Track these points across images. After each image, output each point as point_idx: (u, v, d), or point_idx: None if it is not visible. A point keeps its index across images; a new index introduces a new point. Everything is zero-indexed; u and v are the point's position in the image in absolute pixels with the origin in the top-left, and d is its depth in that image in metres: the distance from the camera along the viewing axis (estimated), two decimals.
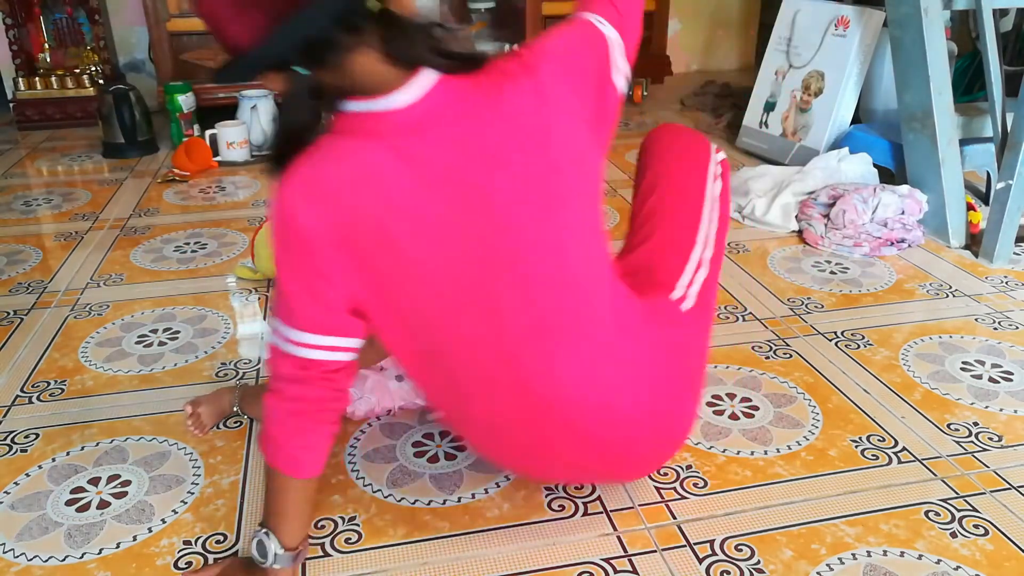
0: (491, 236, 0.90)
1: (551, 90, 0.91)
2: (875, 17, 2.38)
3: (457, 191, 0.88)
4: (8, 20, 3.04)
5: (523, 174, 0.90)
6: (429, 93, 0.87)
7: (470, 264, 0.90)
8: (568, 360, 0.95)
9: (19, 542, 1.12)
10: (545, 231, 0.91)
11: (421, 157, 0.87)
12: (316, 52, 0.83)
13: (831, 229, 2.01)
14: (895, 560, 1.07)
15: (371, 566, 1.07)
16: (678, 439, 1.12)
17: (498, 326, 0.92)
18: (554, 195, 0.91)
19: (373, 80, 0.86)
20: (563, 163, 0.92)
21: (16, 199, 2.44)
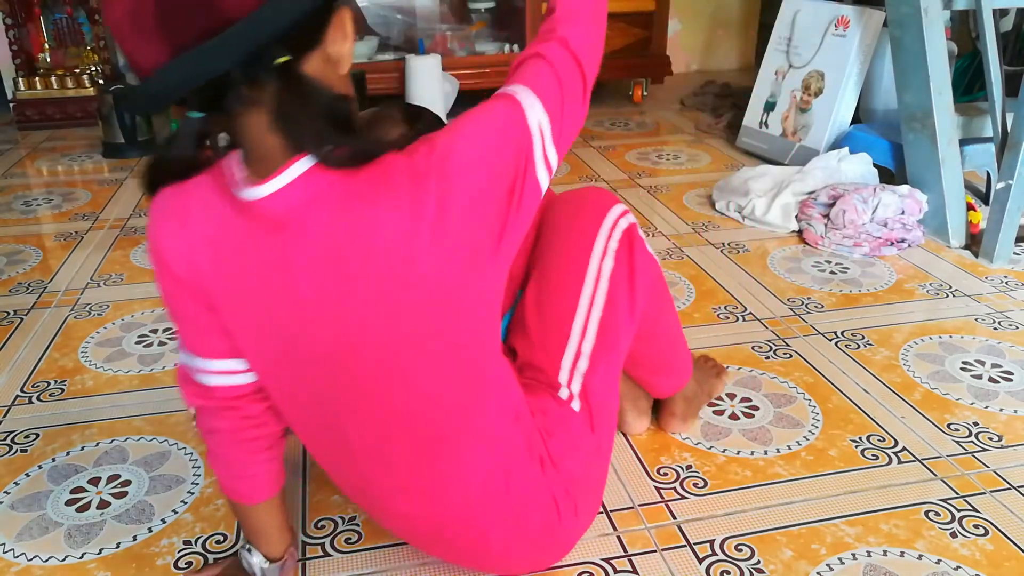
0: (324, 361, 0.83)
1: (440, 211, 0.76)
2: (875, 17, 2.38)
3: (298, 306, 0.80)
4: (8, 20, 3.04)
5: (370, 303, 0.79)
6: (294, 185, 0.75)
7: (302, 380, 0.85)
8: (410, 479, 0.89)
9: (19, 542, 1.12)
10: (387, 366, 0.82)
11: (270, 255, 0.79)
12: (211, 96, 0.72)
13: (831, 229, 2.01)
14: (895, 560, 1.07)
15: (371, 566, 1.07)
16: (553, 552, 1.03)
17: (336, 435, 0.88)
18: (403, 329, 0.80)
19: (256, 152, 0.76)
20: (422, 297, 0.79)
21: (16, 199, 2.44)
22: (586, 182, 2.53)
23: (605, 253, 1.03)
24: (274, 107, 0.73)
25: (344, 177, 0.76)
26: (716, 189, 2.34)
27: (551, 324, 1.01)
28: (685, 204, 2.34)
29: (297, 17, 0.70)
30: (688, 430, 1.34)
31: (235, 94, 0.72)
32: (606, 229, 1.04)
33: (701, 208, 2.30)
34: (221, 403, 0.91)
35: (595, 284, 1.02)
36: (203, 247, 0.81)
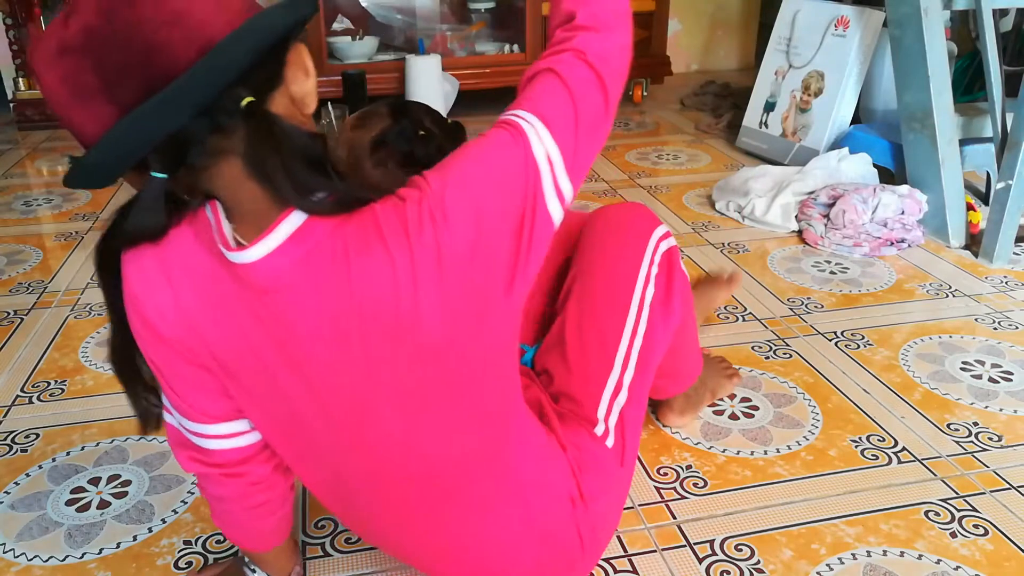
0: (334, 422, 0.78)
1: (439, 261, 0.70)
2: (875, 17, 2.38)
3: (300, 368, 0.75)
4: (8, 20, 3.04)
5: (377, 362, 0.74)
6: (286, 246, 0.69)
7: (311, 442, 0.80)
8: (428, 533, 0.86)
9: (19, 542, 1.12)
10: (401, 426, 0.78)
11: (266, 315, 0.73)
12: (173, 153, 0.65)
13: (831, 229, 2.01)
14: (895, 560, 1.07)
15: (371, 566, 1.07)
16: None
17: (348, 492, 0.85)
18: (414, 385, 0.76)
19: (238, 207, 0.70)
20: (432, 354, 0.74)
21: (16, 199, 2.44)
22: (586, 182, 2.53)
23: (648, 280, 1.01)
24: (247, 153, 0.66)
25: (336, 229, 0.69)
26: (716, 189, 2.34)
27: (593, 354, 0.98)
28: (685, 204, 2.34)
29: (251, 59, 0.64)
30: (684, 425, 1.34)
31: (199, 147, 0.66)
32: (648, 254, 1.02)
33: (701, 208, 2.30)
34: (225, 469, 0.85)
35: (638, 313, 1.00)
36: (193, 305, 0.74)
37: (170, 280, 0.74)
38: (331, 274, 0.70)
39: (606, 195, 2.41)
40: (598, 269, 1.02)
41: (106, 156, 0.65)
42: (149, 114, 0.62)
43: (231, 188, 0.69)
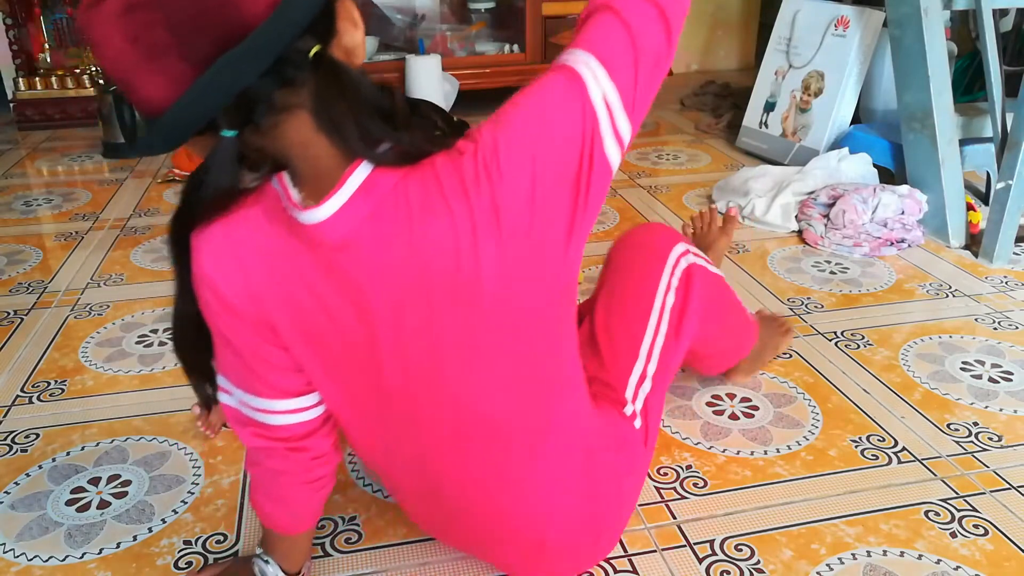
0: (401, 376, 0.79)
1: (496, 215, 0.71)
2: (875, 17, 2.38)
3: (370, 326, 0.77)
4: (8, 20, 3.04)
5: (441, 316, 0.75)
6: (354, 201, 0.71)
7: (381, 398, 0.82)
8: (485, 472, 0.87)
9: (19, 542, 1.12)
10: (464, 374, 0.79)
11: (336, 277, 0.75)
12: (241, 110, 0.66)
13: (831, 229, 2.01)
14: (895, 560, 1.07)
15: (371, 566, 1.07)
16: (582, 566, 1.04)
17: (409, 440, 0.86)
18: (478, 336, 0.77)
19: (305, 163, 0.71)
20: (487, 307, 0.75)
21: (16, 199, 2.44)
22: None
23: (668, 289, 1.07)
24: (315, 105, 0.67)
25: (399, 183, 0.71)
26: (716, 189, 2.34)
27: (621, 348, 1.04)
28: (685, 204, 2.34)
29: (315, 9, 0.64)
30: (750, 381, 1.47)
31: (270, 102, 0.66)
32: (669, 268, 1.08)
33: (701, 208, 2.30)
34: (290, 443, 0.86)
35: (659, 316, 1.06)
36: (264, 279, 0.76)
37: (240, 257, 0.76)
38: (396, 230, 0.72)
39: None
40: (624, 279, 1.09)
41: (183, 115, 0.64)
42: (226, 69, 0.62)
43: (299, 145, 0.70)
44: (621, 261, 1.12)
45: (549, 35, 3.18)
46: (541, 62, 3.21)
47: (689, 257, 1.12)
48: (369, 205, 0.71)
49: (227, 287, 0.76)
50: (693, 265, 1.11)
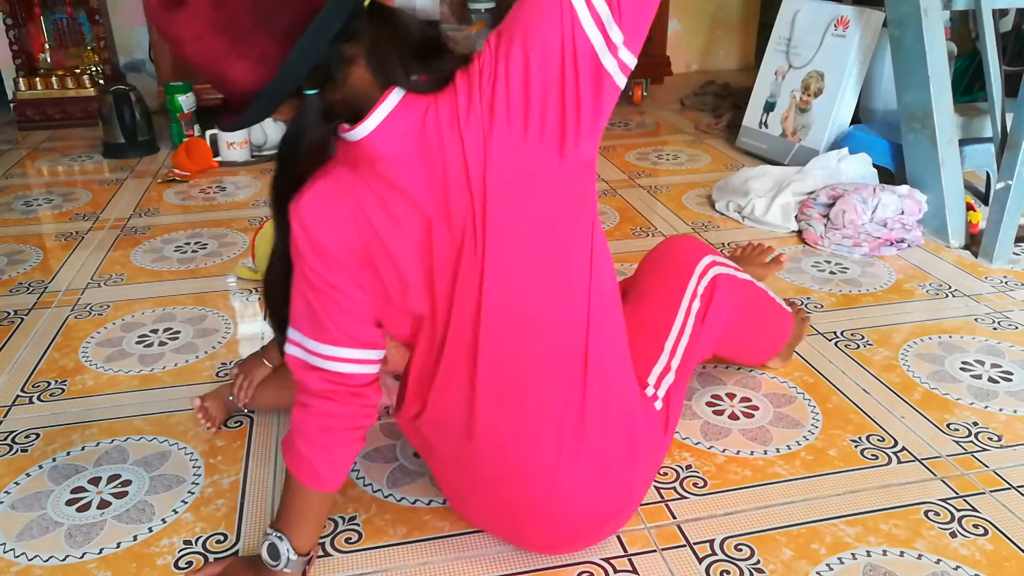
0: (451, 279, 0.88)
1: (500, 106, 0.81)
2: (875, 17, 2.38)
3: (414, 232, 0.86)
4: (8, 20, 3.04)
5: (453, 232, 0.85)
6: (388, 120, 0.82)
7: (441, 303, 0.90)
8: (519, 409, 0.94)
9: (19, 542, 1.12)
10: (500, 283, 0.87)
11: (393, 187, 0.85)
12: (324, 69, 0.77)
13: (831, 229, 2.01)
14: (895, 560, 1.07)
15: (371, 566, 1.07)
16: (594, 537, 1.07)
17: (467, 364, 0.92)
18: (493, 257, 0.85)
19: (359, 96, 0.82)
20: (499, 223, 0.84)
21: (16, 199, 2.44)
22: None
23: (694, 296, 1.15)
24: (370, 50, 0.78)
25: (431, 106, 0.81)
26: (716, 189, 2.34)
27: (647, 342, 1.11)
28: (685, 204, 2.34)
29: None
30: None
31: (342, 57, 0.77)
32: (696, 277, 1.16)
33: (701, 208, 2.30)
34: (352, 388, 0.94)
35: (684, 320, 1.14)
36: (353, 218, 0.86)
37: (334, 206, 0.85)
38: (433, 144, 0.82)
39: (606, 195, 2.41)
40: (652, 286, 1.17)
41: (280, 85, 0.75)
42: (314, 36, 0.72)
43: (358, 86, 0.80)
44: (650, 270, 1.20)
45: None
46: None
47: (716, 268, 1.19)
48: (407, 122, 0.81)
49: (327, 237, 0.86)
50: (720, 275, 1.18)
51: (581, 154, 0.85)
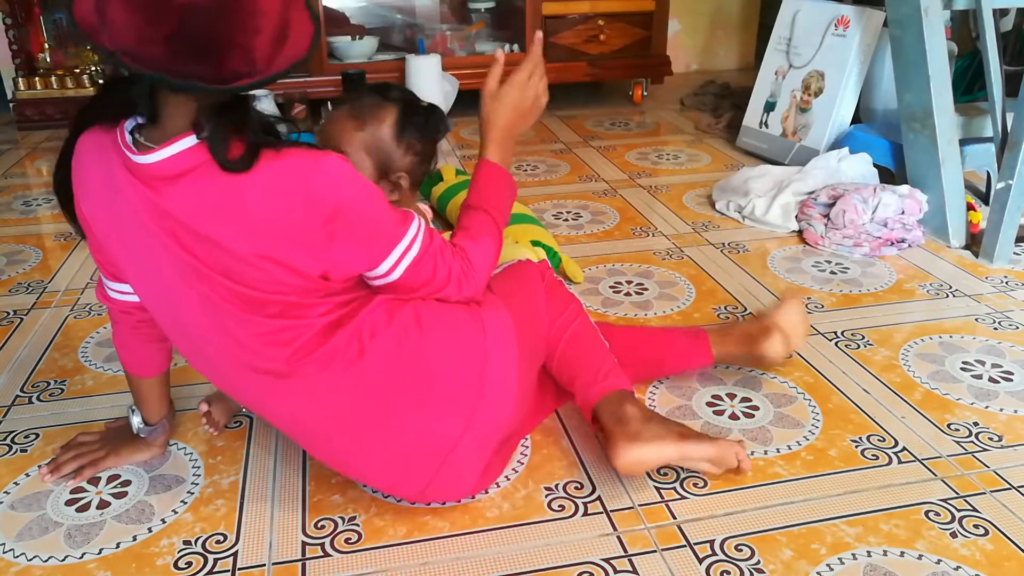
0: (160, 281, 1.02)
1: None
2: (875, 17, 2.38)
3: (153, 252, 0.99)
4: (8, 20, 3.04)
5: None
6: (179, 156, 0.92)
7: (152, 293, 1.06)
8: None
9: (19, 542, 1.12)
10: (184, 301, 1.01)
11: (145, 205, 0.96)
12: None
13: (831, 229, 2.01)
14: (895, 560, 1.07)
15: (371, 566, 1.07)
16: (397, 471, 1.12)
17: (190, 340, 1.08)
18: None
19: (161, 123, 0.94)
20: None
21: (16, 199, 2.44)
22: (586, 182, 2.54)
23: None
24: (200, 108, 0.91)
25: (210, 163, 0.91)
26: (716, 189, 2.34)
27: None
28: (685, 204, 2.34)
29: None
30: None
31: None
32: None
33: (701, 208, 2.30)
34: (120, 307, 1.15)
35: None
36: (96, 192, 1.00)
37: (87, 168, 1.00)
38: (204, 187, 0.93)
39: (606, 195, 2.41)
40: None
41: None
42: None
43: (171, 112, 0.92)
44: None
45: (549, 35, 3.18)
46: None
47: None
48: (190, 162, 0.92)
49: (81, 185, 1.02)
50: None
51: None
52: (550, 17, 3.17)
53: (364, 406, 1.05)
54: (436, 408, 1.07)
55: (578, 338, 1.27)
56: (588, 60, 3.26)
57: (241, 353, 1.02)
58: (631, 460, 1.13)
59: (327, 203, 0.93)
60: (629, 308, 1.74)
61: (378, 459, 1.09)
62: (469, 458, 1.10)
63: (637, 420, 1.16)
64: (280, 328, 1.00)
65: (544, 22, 3.17)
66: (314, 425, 1.08)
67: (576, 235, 2.11)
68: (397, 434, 1.06)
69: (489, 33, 3.39)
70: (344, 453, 1.10)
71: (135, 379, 1.23)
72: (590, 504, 1.18)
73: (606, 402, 1.20)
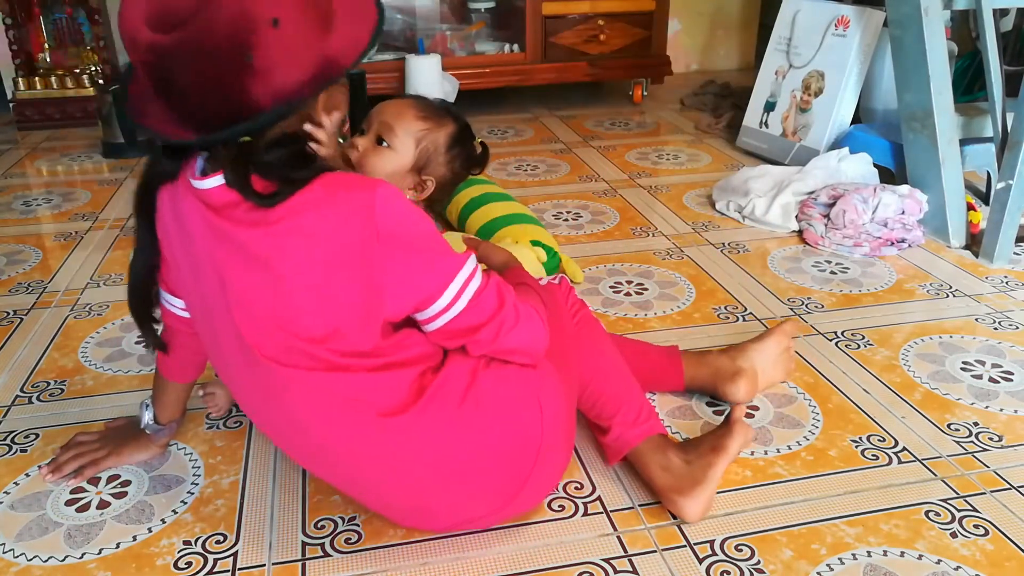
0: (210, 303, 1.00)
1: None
2: (875, 17, 2.38)
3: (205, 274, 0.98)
4: (8, 20, 3.04)
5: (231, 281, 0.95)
6: (220, 188, 0.91)
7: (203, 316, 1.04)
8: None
9: (19, 542, 1.12)
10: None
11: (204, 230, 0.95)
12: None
13: (831, 229, 2.01)
14: (895, 560, 1.07)
15: (371, 566, 1.07)
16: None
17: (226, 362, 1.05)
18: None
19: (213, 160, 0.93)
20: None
21: (16, 199, 2.44)
22: (586, 182, 2.54)
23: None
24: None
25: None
26: (716, 189, 2.34)
27: None
28: (685, 204, 2.34)
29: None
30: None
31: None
32: None
33: (701, 208, 2.30)
34: (173, 320, 1.16)
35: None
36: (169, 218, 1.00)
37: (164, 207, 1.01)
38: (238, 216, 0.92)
39: (606, 195, 2.41)
40: None
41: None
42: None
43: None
44: None
45: (549, 35, 3.18)
46: (541, 61, 3.21)
47: None
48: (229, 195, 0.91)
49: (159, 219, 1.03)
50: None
51: None
52: (550, 17, 3.17)
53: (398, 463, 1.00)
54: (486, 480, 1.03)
55: (611, 371, 1.22)
56: (588, 60, 3.26)
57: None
58: (701, 508, 1.13)
59: (387, 225, 0.89)
60: (629, 308, 1.74)
61: (402, 507, 1.07)
62: (502, 516, 1.11)
63: (682, 464, 1.16)
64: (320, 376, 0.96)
65: (544, 22, 3.16)
66: (336, 460, 1.02)
67: (576, 235, 2.11)
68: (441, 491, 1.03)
69: (489, 33, 3.39)
70: (365, 491, 1.07)
71: (163, 380, 1.24)
72: (590, 504, 1.17)
73: (648, 449, 1.18)
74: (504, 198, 2.02)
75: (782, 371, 1.45)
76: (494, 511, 1.08)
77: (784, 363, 1.45)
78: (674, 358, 1.40)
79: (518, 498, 1.07)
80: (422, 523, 1.10)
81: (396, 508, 1.08)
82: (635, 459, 1.19)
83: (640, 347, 1.42)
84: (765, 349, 1.41)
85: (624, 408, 1.20)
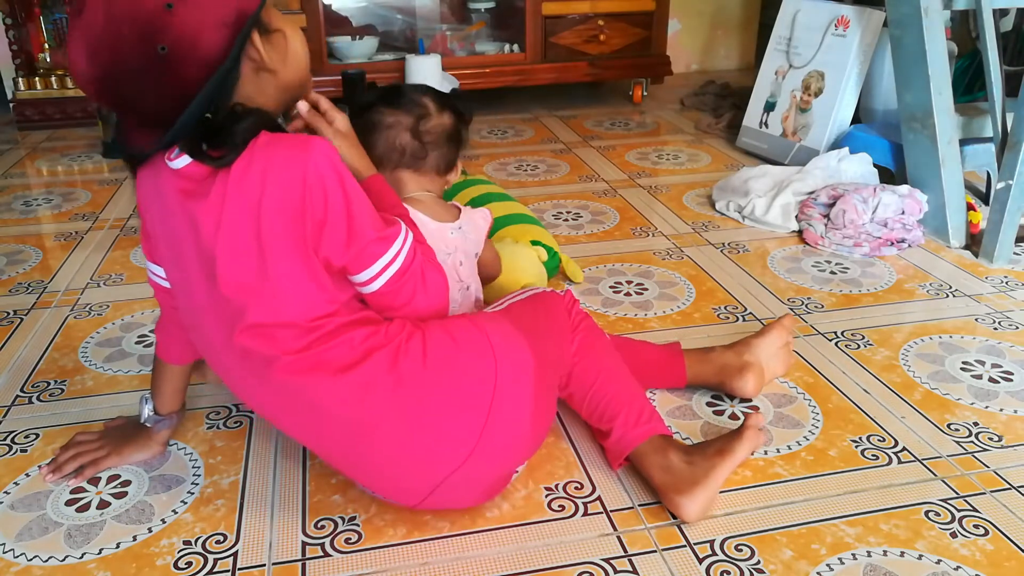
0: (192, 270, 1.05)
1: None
2: (875, 17, 2.38)
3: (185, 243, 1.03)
4: (8, 20, 3.04)
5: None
6: (191, 166, 0.98)
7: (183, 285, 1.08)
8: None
9: (19, 542, 1.12)
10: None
11: (179, 201, 1.01)
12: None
13: (831, 229, 2.01)
14: (895, 560, 1.07)
15: (371, 566, 1.07)
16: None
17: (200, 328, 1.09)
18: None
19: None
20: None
21: (16, 199, 2.44)
22: (586, 182, 2.54)
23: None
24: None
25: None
26: (716, 189, 2.34)
27: None
28: (685, 204, 2.34)
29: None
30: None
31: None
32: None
33: (701, 208, 2.30)
34: (160, 291, 1.19)
35: None
36: (151, 196, 1.05)
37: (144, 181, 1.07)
38: (200, 187, 0.98)
39: (606, 195, 2.41)
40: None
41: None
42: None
43: None
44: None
45: (549, 35, 3.18)
46: (541, 61, 3.21)
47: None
48: (197, 170, 0.98)
49: (139, 195, 1.09)
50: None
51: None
52: (550, 17, 3.17)
53: (372, 415, 1.03)
54: (443, 428, 1.04)
55: (613, 376, 1.23)
56: (588, 60, 3.26)
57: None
58: (699, 509, 1.13)
59: (320, 183, 0.96)
60: (629, 308, 1.74)
61: (382, 465, 1.07)
62: (472, 480, 1.08)
63: (683, 464, 1.15)
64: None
65: (544, 22, 3.17)
66: (305, 419, 1.07)
67: (576, 235, 2.11)
68: (404, 445, 1.04)
69: (489, 33, 3.39)
70: (344, 455, 1.09)
71: (160, 364, 1.26)
72: (590, 504, 1.18)
73: (650, 450, 1.18)
74: (504, 198, 2.02)
75: (782, 366, 1.46)
76: (459, 465, 1.05)
77: (784, 358, 1.46)
78: (675, 354, 1.40)
79: (480, 449, 1.04)
80: (400, 489, 1.10)
81: (374, 470, 1.09)
82: (636, 460, 1.19)
83: (640, 344, 1.43)
84: (767, 344, 1.43)
85: (626, 410, 1.20)
